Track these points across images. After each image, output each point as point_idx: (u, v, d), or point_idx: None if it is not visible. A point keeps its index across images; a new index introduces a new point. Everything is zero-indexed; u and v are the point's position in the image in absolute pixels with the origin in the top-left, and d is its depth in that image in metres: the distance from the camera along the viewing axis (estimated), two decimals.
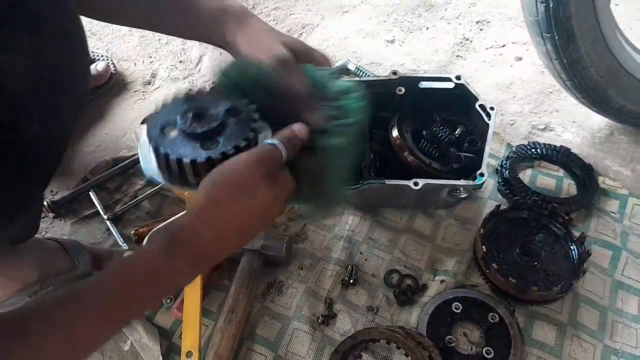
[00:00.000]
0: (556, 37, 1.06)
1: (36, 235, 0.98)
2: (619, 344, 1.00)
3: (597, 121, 1.35)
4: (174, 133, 0.68)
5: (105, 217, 1.19)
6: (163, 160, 0.67)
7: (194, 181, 0.67)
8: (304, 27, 1.71)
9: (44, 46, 0.60)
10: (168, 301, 1.05)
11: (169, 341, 1.03)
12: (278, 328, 1.03)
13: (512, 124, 1.37)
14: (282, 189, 0.67)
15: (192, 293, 1.01)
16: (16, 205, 0.64)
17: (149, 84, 1.56)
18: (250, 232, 0.68)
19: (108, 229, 1.19)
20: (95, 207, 1.21)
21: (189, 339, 0.97)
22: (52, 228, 1.22)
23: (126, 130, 1.42)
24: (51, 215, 1.22)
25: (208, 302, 1.06)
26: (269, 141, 0.67)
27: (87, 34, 0.73)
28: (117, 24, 0.87)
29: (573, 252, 1.07)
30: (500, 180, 1.21)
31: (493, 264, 1.02)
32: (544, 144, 1.27)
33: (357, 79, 1.22)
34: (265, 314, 1.05)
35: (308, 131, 0.71)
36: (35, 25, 0.59)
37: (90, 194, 1.23)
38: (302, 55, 0.80)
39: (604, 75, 1.14)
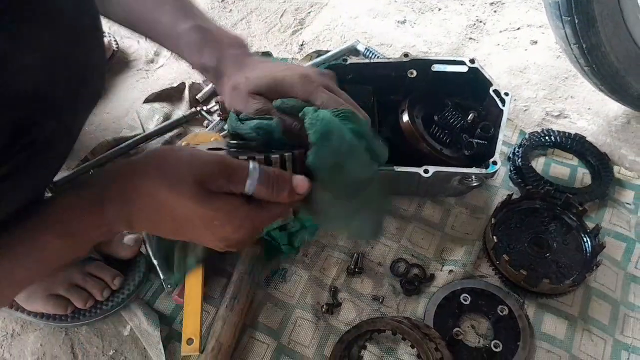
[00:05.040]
0: (576, 21, 1.02)
1: None
2: (630, 339, 0.98)
3: (614, 109, 1.31)
4: None
5: None
6: None
7: None
8: (312, 6, 1.66)
9: (62, 43, 0.58)
10: (169, 286, 1.03)
11: (169, 327, 1.01)
12: (281, 316, 1.01)
13: (525, 110, 1.33)
14: (211, 213, 0.61)
15: (194, 279, 0.99)
16: (24, 201, 0.62)
17: (152, 62, 1.52)
18: (160, 228, 0.65)
19: None
20: None
21: (190, 326, 0.95)
22: None
23: (128, 109, 1.38)
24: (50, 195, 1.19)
25: (210, 288, 1.04)
26: (251, 163, 0.62)
27: None
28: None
29: (586, 243, 1.04)
30: (512, 169, 1.18)
31: (503, 255, 0.99)
32: (558, 131, 1.23)
33: (366, 60, 1.18)
34: (268, 301, 1.03)
35: (308, 187, 0.64)
36: (53, 20, 0.56)
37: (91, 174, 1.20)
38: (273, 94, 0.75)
39: (623, 61, 1.10)
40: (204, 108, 1.33)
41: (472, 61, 1.09)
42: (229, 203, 0.61)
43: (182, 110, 1.36)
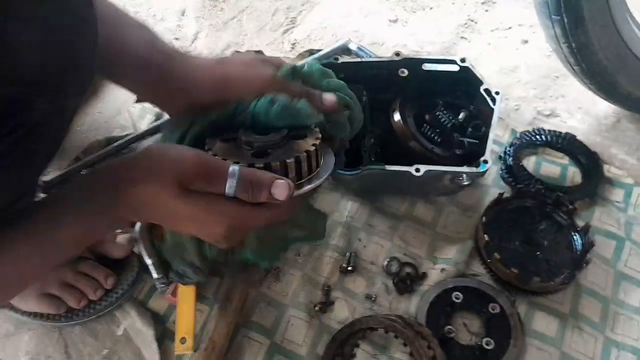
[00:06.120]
0: (565, 20, 1.03)
1: None
2: (620, 336, 0.99)
3: (604, 108, 1.32)
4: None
5: None
6: None
7: None
8: (303, 5, 1.66)
9: (54, 21, 0.57)
10: (162, 286, 1.02)
11: (163, 326, 1.01)
12: (274, 315, 1.01)
13: (516, 109, 1.34)
14: (191, 212, 0.65)
15: None
16: (19, 190, 0.62)
17: None
18: (153, 217, 0.69)
19: None
20: None
21: (184, 325, 0.95)
22: None
23: (120, 109, 1.38)
24: (42, 195, 1.19)
25: (203, 287, 1.03)
26: (231, 167, 0.64)
27: None
28: None
29: (576, 242, 1.06)
30: (503, 168, 1.19)
31: (495, 253, 1.00)
32: (549, 130, 1.24)
33: (358, 59, 1.18)
34: (261, 300, 1.03)
35: (287, 193, 0.65)
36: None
37: (83, 174, 1.20)
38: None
39: (612, 60, 1.11)
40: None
41: (463, 60, 1.09)
42: (206, 200, 0.64)
43: None
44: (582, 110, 1.33)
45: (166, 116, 1.32)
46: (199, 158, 0.65)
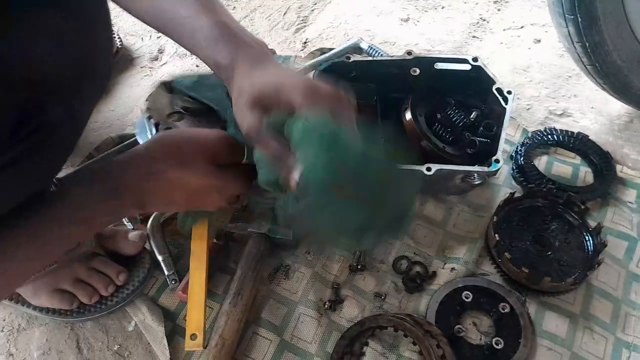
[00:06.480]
0: (579, 19, 1.02)
1: None
2: (631, 337, 0.98)
3: (617, 108, 1.31)
4: None
5: None
6: None
7: None
8: (315, 4, 1.67)
9: (71, 31, 0.58)
10: (173, 282, 1.03)
11: (173, 322, 1.01)
12: (284, 312, 1.02)
13: (528, 109, 1.33)
14: (223, 183, 0.71)
15: (198, 275, 1.00)
16: (32, 191, 0.63)
17: (156, 59, 1.53)
18: (173, 203, 0.73)
19: None
20: None
21: (194, 321, 0.96)
22: None
23: (132, 106, 1.39)
24: None
25: (213, 284, 1.04)
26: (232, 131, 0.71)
27: None
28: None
29: (588, 242, 1.05)
30: (514, 167, 1.18)
31: (505, 253, 1.00)
32: (561, 130, 1.23)
33: (370, 58, 1.18)
34: (271, 297, 1.03)
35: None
36: (62, 6, 0.57)
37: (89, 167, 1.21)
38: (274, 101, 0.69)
39: (626, 60, 1.10)
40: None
41: (475, 59, 1.09)
42: (236, 171, 0.72)
43: None
44: (594, 110, 1.32)
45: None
46: (222, 133, 0.72)
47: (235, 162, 0.73)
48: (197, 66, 1.49)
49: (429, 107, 1.12)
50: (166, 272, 1.04)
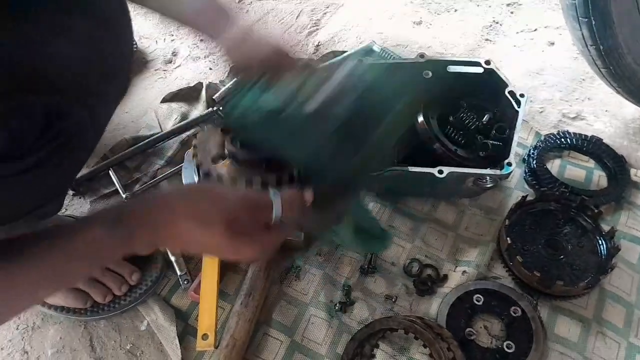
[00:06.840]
0: (593, 22, 1.02)
1: None
2: None
3: (631, 111, 1.30)
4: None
5: (124, 196, 1.18)
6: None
7: None
8: (327, 7, 1.67)
9: (95, 33, 0.59)
10: (185, 282, 1.04)
11: (185, 322, 1.02)
12: (295, 313, 1.02)
13: (541, 112, 1.33)
14: (234, 250, 0.68)
15: (210, 275, 1.00)
16: (57, 190, 0.64)
17: (170, 62, 1.54)
18: (187, 252, 0.78)
19: None
20: (115, 185, 1.21)
21: (205, 322, 0.97)
22: (71, 206, 1.22)
23: (147, 109, 1.41)
24: (71, 193, 1.22)
25: (225, 284, 1.05)
26: (271, 192, 0.69)
27: None
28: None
29: (601, 246, 1.04)
30: (527, 170, 1.18)
31: (517, 257, 0.99)
32: (574, 133, 1.23)
33: (382, 61, 1.18)
34: (282, 298, 1.04)
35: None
36: (87, 11, 0.58)
37: (110, 172, 1.22)
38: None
39: None
40: (221, 108, 1.34)
41: (487, 62, 1.09)
42: (254, 237, 0.69)
43: (199, 110, 1.37)
44: (608, 114, 1.31)
45: (191, 117, 1.34)
46: (243, 194, 0.71)
47: (262, 224, 0.70)
48: (210, 69, 1.50)
49: (442, 109, 1.12)
50: (178, 273, 1.05)
